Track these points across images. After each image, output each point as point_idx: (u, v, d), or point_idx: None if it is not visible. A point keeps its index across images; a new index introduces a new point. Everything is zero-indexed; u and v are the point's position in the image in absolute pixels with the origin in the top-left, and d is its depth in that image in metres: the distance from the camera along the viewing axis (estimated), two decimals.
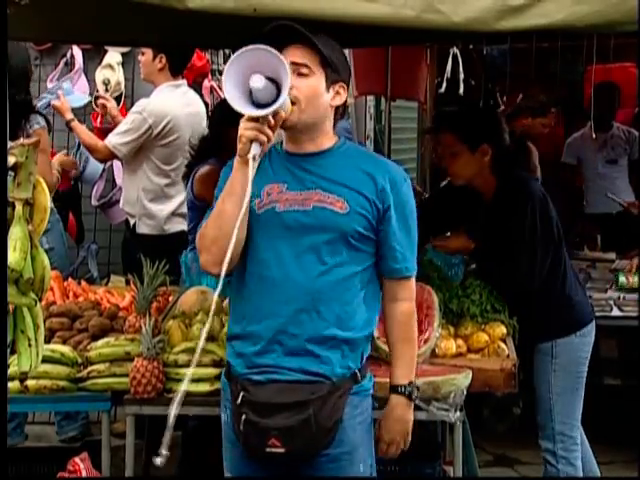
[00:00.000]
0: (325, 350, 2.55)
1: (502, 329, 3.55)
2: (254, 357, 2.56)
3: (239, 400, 2.55)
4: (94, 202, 5.68)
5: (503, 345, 3.48)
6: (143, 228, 5.10)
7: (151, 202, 5.06)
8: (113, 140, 5.01)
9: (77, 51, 6.08)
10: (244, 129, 2.39)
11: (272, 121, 2.40)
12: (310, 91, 2.54)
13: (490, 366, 3.33)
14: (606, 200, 6.69)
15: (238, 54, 2.35)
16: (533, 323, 3.65)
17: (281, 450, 2.52)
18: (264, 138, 2.39)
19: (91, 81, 6.13)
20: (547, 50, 7.26)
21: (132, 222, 5.15)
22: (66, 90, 5.46)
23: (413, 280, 2.72)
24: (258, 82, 2.33)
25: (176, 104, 5.06)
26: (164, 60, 5.07)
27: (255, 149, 2.38)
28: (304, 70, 2.54)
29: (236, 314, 2.64)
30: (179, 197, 5.01)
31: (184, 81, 5.22)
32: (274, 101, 2.36)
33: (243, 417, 2.54)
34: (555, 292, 3.68)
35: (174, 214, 5.04)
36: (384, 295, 2.70)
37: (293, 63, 2.51)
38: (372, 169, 2.62)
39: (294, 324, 2.53)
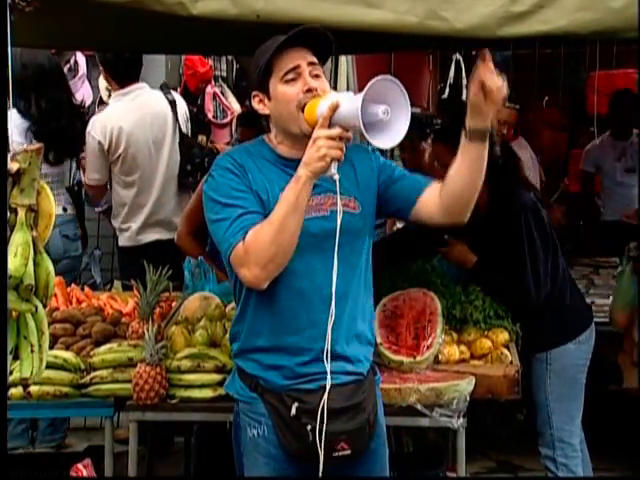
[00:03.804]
0: (359, 349, 2.58)
1: (505, 335, 3.54)
2: (299, 367, 2.51)
3: (293, 411, 2.50)
4: (97, 208, 5.68)
5: (506, 351, 3.47)
6: (122, 241, 5.09)
7: (124, 215, 5.01)
8: (86, 174, 4.96)
9: (81, 57, 6.11)
10: (329, 148, 2.30)
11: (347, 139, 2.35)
12: (326, 91, 2.46)
13: (493, 372, 3.32)
14: (625, 208, 6.61)
15: (373, 82, 2.27)
16: (530, 333, 3.62)
17: (348, 452, 2.52)
18: (342, 157, 2.34)
19: (94, 87, 6.15)
20: (550, 56, 7.27)
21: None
22: None
23: None
24: (385, 114, 2.28)
25: (118, 113, 4.93)
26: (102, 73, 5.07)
27: (335, 168, 2.34)
28: (319, 71, 2.49)
29: (259, 327, 2.54)
30: (149, 206, 4.99)
31: (137, 85, 5.02)
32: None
33: (309, 427, 2.47)
34: (553, 301, 3.66)
35: (146, 224, 4.98)
36: (427, 203, 2.57)
37: (311, 63, 2.47)
38: (355, 156, 2.57)
39: (333, 330, 2.46)
